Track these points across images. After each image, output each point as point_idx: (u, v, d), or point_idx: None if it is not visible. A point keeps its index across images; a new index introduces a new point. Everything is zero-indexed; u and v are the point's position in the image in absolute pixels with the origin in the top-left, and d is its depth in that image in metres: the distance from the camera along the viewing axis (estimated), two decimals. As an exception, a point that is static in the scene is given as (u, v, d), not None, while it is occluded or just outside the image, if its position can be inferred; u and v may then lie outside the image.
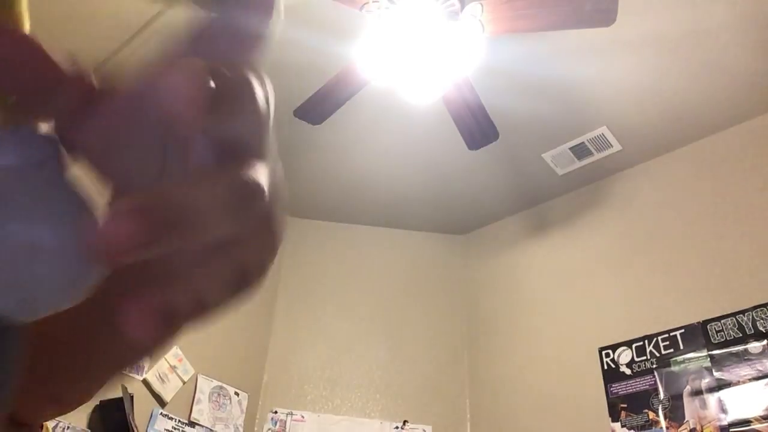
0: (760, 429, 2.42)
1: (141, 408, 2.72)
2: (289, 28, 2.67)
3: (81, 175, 0.22)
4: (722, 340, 2.66)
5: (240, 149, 0.22)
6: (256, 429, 3.25)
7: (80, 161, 0.22)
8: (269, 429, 3.24)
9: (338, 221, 3.91)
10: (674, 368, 2.75)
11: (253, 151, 0.23)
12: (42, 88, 0.20)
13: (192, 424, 2.94)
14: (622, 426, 2.78)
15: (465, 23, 2.20)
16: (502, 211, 3.79)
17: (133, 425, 2.58)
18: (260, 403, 3.32)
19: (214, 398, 3.09)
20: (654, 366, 2.82)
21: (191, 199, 0.19)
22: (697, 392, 2.64)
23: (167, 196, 0.19)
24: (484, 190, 3.64)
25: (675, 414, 2.66)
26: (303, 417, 3.29)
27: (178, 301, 0.21)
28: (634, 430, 2.75)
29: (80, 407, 0.32)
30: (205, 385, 3.06)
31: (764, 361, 2.51)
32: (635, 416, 2.77)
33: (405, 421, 3.32)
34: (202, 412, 3.01)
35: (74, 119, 0.21)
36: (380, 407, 3.36)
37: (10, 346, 0.22)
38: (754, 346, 2.56)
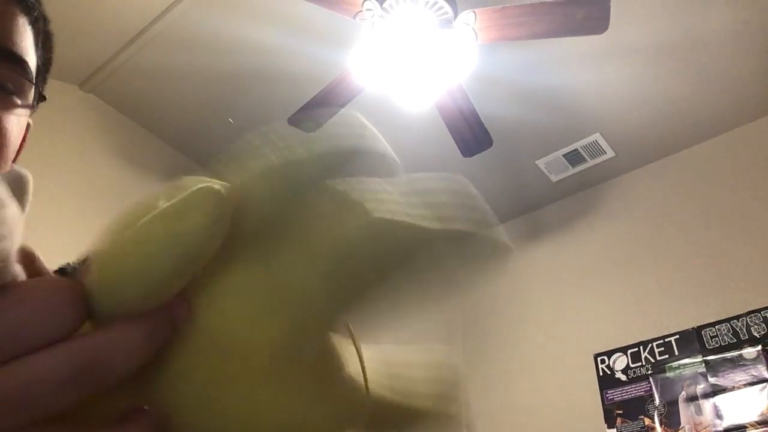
0: (755, 434, 2.42)
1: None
2: (282, 36, 2.68)
3: None
4: (717, 345, 2.66)
5: None
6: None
7: None
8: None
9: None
10: (669, 374, 2.75)
11: None
12: None
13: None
14: (618, 432, 2.78)
15: (458, 31, 2.21)
16: (496, 217, 3.79)
17: None
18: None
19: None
20: (649, 372, 2.82)
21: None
22: (692, 398, 2.64)
23: None
24: (478, 197, 3.64)
25: (670, 420, 2.66)
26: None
27: None
28: (629, 436, 2.75)
29: None
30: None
31: (759, 366, 2.52)
32: (631, 422, 2.76)
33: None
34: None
35: None
36: (376, 415, 3.35)
37: None
38: (749, 352, 2.57)
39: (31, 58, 0.54)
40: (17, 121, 0.53)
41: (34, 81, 0.53)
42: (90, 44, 2.72)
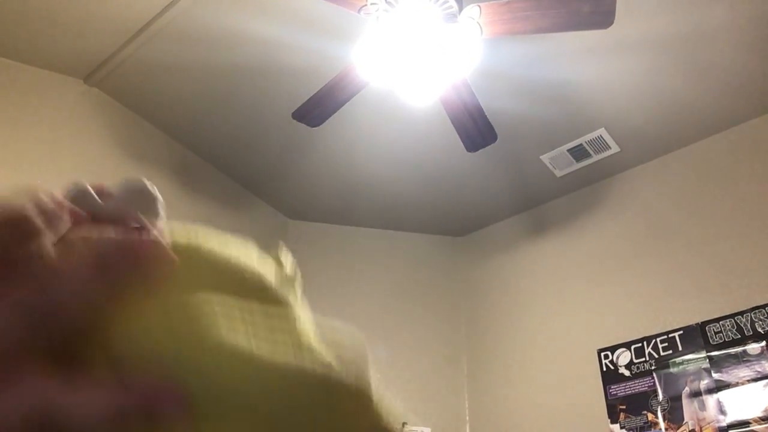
0: (758, 430, 2.42)
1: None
2: (287, 31, 2.68)
3: None
4: (721, 341, 2.66)
5: None
6: None
7: None
8: None
9: (336, 223, 3.91)
10: (673, 369, 2.75)
11: None
12: None
13: None
14: (621, 428, 2.78)
15: (463, 25, 2.20)
16: (500, 213, 3.80)
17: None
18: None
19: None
20: (653, 367, 2.82)
21: None
22: (695, 393, 2.64)
23: None
24: (482, 192, 3.64)
25: (674, 415, 2.66)
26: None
27: None
28: (633, 431, 2.75)
29: None
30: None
31: (762, 362, 2.52)
32: (634, 418, 2.77)
33: (404, 423, 3.31)
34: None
35: None
36: (379, 409, 3.36)
37: None
38: (753, 348, 2.56)
39: None
40: None
41: None
42: (94, 38, 2.72)
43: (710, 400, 2.59)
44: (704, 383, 2.63)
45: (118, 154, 3.00)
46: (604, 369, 2.96)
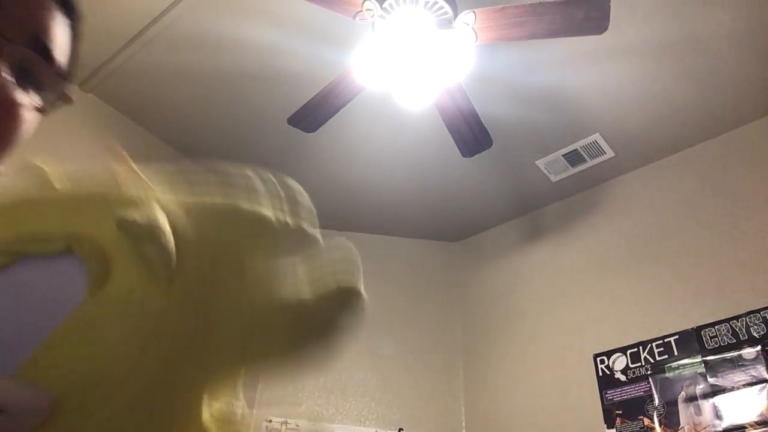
0: (754, 435, 2.42)
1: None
2: (282, 37, 2.68)
3: None
4: (716, 345, 2.66)
5: None
6: (250, 438, 3.23)
7: None
8: (264, 438, 3.22)
9: (332, 229, 3.91)
10: (669, 374, 2.75)
11: None
12: None
13: (186, 433, 2.92)
14: (618, 432, 2.78)
15: (458, 31, 2.21)
16: (496, 218, 3.80)
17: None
18: (254, 412, 3.30)
19: (208, 407, 3.07)
20: (649, 372, 2.82)
21: None
22: (691, 398, 2.64)
23: None
24: (478, 198, 3.64)
25: (670, 420, 2.66)
26: (298, 426, 3.27)
27: None
28: (629, 436, 2.75)
29: None
30: (199, 394, 3.05)
31: (758, 366, 2.52)
32: (630, 423, 2.77)
33: (400, 429, 3.31)
34: (196, 421, 2.99)
35: None
36: (375, 415, 3.35)
37: None
38: (748, 352, 2.57)
39: (65, 58, 0.56)
40: (35, 118, 0.56)
41: (66, 79, 0.55)
42: (90, 44, 2.72)
43: (706, 405, 2.59)
44: (700, 388, 2.63)
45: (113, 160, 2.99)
46: (600, 374, 2.96)
